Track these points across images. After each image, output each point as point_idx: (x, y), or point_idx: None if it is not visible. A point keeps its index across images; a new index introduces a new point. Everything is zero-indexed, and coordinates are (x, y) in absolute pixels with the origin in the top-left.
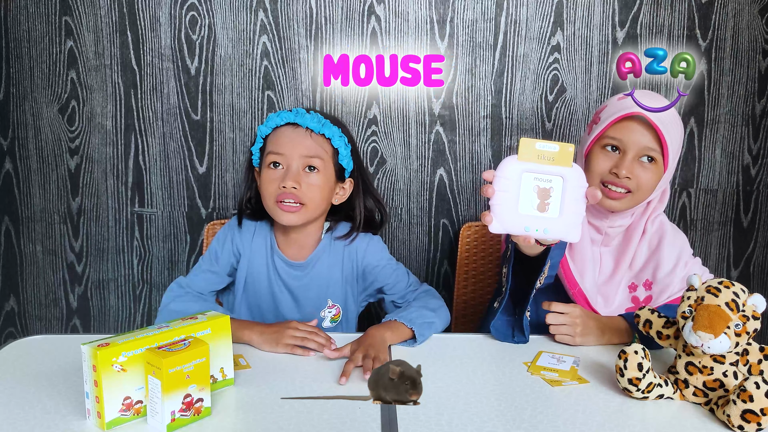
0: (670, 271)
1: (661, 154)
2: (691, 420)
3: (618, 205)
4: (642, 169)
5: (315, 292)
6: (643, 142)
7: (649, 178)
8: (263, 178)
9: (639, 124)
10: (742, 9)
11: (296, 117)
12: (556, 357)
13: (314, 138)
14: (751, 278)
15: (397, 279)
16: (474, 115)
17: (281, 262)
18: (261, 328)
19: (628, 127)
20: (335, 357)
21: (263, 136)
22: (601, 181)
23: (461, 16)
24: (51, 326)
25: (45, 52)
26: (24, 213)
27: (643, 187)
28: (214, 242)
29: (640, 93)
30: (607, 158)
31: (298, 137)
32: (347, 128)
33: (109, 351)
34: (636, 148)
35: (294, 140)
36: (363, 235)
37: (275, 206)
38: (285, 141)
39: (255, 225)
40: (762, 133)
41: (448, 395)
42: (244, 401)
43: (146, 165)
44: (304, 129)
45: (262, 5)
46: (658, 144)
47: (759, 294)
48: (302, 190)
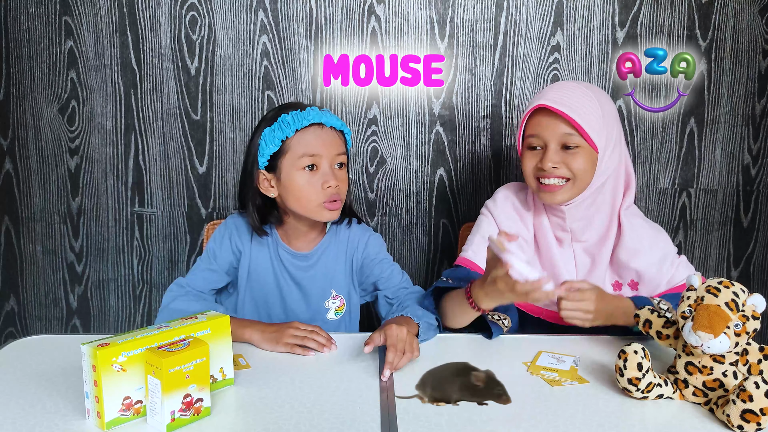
0: (656, 272)
1: (582, 137)
2: (691, 420)
3: (559, 196)
4: (570, 157)
5: (320, 283)
6: (558, 131)
7: (580, 162)
8: (299, 181)
9: (549, 116)
10: (742, 9)
11: (321, 117)
12: (556, 357)
13: (338, 135)
14: (751, 278)
15: (391, 274)
16: (474, 115)
17: (287, 254)
18: (262, 326)
19: (540, 122)
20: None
21: (284, 139)
22: (535, 177)
23: (461, 16)
24: (51, 326)
25: (45, 52)
26: (24, 213)
27: (578, 173)
28: (211, 242)
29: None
30: (533, 156)
31: (328, 137)
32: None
33: (109, 351)
34: (554, 139)
35: (325, 141)
36: (364, 229)
37: (320, 207)
38: (318, 142)
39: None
40: (762, 133)
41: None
42: (244, 401)
43: (146, 165)
44: (329, 128)
45: (262, 5)
46: (573, 129)
47: (759, 294)
48: (340, 188)
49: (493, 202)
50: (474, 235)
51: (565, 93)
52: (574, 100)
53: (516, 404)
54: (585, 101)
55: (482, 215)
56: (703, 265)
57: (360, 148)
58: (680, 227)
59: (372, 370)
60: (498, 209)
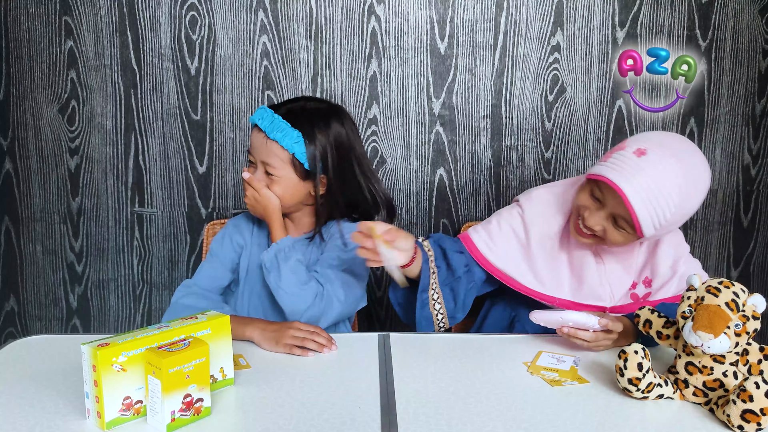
0: (669, 268)
1: (631, 224)
2: (691, 420)
3: (585, 242)
4: (613, 228)
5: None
6: (617, 209)
7: (618, 238)
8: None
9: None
10: (742, 9)
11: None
12: (556, 357)
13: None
14: (751, 278)
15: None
16: (474, 115)
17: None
18: (263, 325)
19: (611, 190)
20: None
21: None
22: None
23: (461, 16)
24: (51, 326)
25: (45, 52)
26: (24, 213)
27: (612, 242)
28: (213, 242)
29: (640, 161)
30: (589, 199)
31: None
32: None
33: (109, 351)
34: (608, 208)
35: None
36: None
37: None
38: (253, 143)
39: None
40: (762, 133)
41: (448, 395)
42: (244, 401)
43: (146, 165)
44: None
45: (262, 5)
46: (630, 218)
47: (759, 294)
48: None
49: (528, 199)
50: (491, 221)
51: (653, 184)
52: (655, 197)
53: (516, 404)
54: (668, 200)
55: (511, 209)
56: (703, 265)
57: None
58: (680, 227)
59: (372, 370)
60: (533, 208)
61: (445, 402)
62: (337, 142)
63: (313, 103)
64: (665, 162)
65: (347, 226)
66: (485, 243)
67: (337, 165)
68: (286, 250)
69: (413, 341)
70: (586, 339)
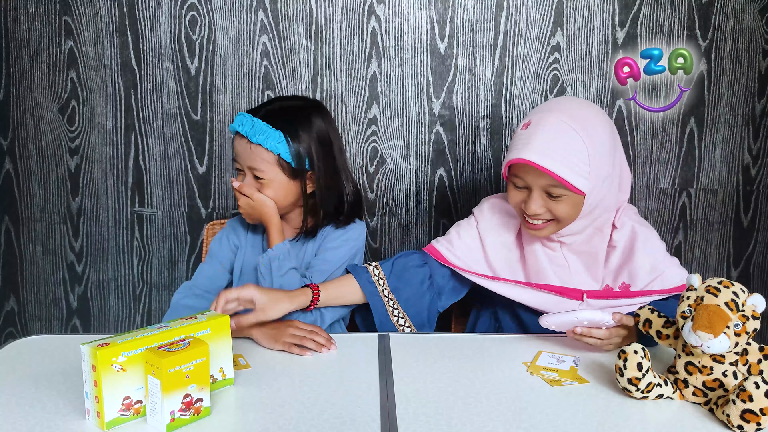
0: (646, 277)
1: (567, 188)
2: (691, 420)
3: (544, 232)
4: (554, 203)
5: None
6: (541, 181)
7: (565, 208)
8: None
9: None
10: (742, 9)
11: (240, 127)
12: (556, 357)
13: (258, 147)
14: (751, 278)
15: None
16: (474, 115)
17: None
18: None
19: (523, 168)
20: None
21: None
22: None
23: (461, 16)
24: (51, 326)
25: (45, 52)
26: (24, 213)
27: (563, 216)
28: (212, 243)
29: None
30: (517, 192)
31: (241, 148)
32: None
33: (108, 351)
34: (537, 186)
35: (239, 151)
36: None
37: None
38: (237, 150)
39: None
40: (762, 133)
41: (448, 395)
42: (243, 401)
43: (146, 165)
44: (246, 139)
45: (262, 5)
46: (557, 181)
47: (759, 294)
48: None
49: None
50: (450, 232)
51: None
52: (558, 150)
53: (516, 404)
54: (571, 146)
55: (468, 220)
56: (703, 265)
57: (360, 148)
58: (680, 227)
59: (372, 370)
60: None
61: (445, 402)
62: (320, 138)
63: (291, 102)
64: (546, 118)
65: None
66: (447, 249)
67: (323, 160)
68: (281, 258)
69: (413, 341)
70: (599, 337)
